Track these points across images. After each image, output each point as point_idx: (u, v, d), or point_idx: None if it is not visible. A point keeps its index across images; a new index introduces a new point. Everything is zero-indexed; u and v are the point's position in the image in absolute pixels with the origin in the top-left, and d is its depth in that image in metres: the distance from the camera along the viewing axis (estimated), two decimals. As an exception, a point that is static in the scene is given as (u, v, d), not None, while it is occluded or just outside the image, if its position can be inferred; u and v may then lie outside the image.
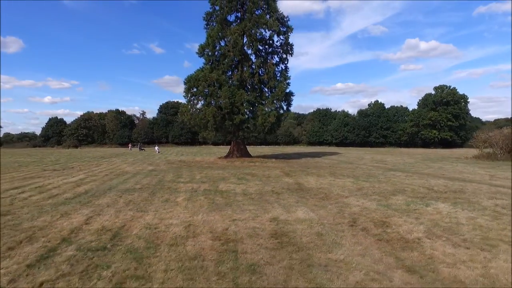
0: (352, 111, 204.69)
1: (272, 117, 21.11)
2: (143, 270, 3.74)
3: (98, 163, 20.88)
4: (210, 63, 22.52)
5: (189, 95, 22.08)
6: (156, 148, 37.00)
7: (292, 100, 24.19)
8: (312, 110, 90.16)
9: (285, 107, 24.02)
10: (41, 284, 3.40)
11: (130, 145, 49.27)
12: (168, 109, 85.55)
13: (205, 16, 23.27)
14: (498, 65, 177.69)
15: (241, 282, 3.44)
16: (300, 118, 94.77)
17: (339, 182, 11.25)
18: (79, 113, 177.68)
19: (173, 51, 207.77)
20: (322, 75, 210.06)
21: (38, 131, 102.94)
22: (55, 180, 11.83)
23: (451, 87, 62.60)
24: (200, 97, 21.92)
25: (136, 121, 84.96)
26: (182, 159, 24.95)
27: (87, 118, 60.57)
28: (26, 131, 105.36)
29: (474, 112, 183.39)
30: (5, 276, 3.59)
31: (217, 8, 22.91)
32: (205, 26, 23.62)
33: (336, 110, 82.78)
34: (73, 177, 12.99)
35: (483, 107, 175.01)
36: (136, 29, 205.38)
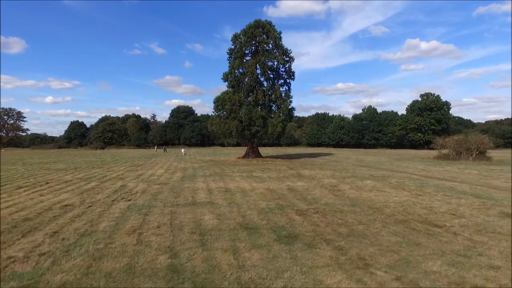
0: (353, 111, 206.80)
1: (279, 127, 28.70)
2: (245, 199, 11.23)
3: (152, 162, 28.38)
4: (232, 87, 30.08)
5: (217, 111, 29.69)
6: (183, 150, 44.30)
7: (293, 113, 31.92)
8: (312, 110, 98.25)
9: (288, 119, 31.68)
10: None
11: (156, 147, 56.65)
12: (180, 113, 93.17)
13: (228, 51, 30.82)
14: (498, 65, 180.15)
15: (286, 198, 10.91)
16: (300, 121, 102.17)
17: (323, 172, 18.75)
18: (80, 113, 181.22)
19: (174, 51, 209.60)
20: (322, 75, 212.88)
21: (37, 131, 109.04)
22: (152, 171, 19.32)
23: (435, 95, 70.11)
24: (225, 113, 29.44)
25: (151, 125, 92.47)
26: (210, 159, 32.48)
27: (111, 123, 68.12)
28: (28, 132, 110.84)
29: (474, 112, 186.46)
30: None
31: (238, 45, 30.48)
32: (228, 58, 31.17)
33: (333, 114, 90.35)
34: (159, 169, 20.50)
35: (484, 107, 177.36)
36: (137, 29, 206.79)
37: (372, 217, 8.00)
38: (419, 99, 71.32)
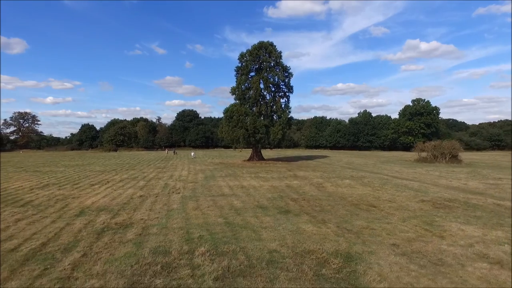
0: (353, 111, 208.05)
1: (279, 134, 33.54)
2: (256, 193, 16.07)
3: (172, 164, 33.19)
4: (239, 100, 34.92)
5: (226, 121, 34.55)
6: (192, 153, 49.13)
7: (292, 122, 36.76)
8: (313, 110, 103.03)
9: (287, 127, 36.52)
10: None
11: (167, 149, 61.44)
12: (185, 117, 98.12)
13: (235, 68, 35.69)
14: (499, 65, 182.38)
15: (284, 192, 15.74)
16: (299, 123, 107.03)
17: (314, 173, 23.55)
18: (80, 113, 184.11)
19: (174, 52, 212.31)
20: (323, 75, 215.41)
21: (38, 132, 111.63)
22: (178, 173, 24.12)
23: (426, 101, 74.92)
24: (233, 123, 34.27)
25: (157, 127, 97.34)
26: (220, 161, 37.30)
27: (123, 127, 73.09)
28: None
29: (475, 113, 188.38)
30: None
31: (244, 63, 35.32)
32: (235, 75, 36.02)
33: (331, 118, 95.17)
34: (182, 171, 25.31)
35: (484, 108, 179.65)
36: (137, 29, 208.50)
37: (338, 202, 12.82)
38: (411, 104, 76.13)
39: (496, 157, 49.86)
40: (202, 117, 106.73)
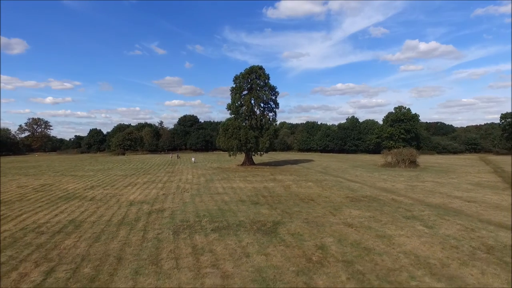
0: (353, 111, 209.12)
1: (267, 144, 40.58)
2: (237, 195, 23.10)
3: (178, 169, 40.15)
4: (234, 115, 41.92)
5: (223, 133, 41.57)
6: (193, 159, 56.03)
7: (278, 133, 43.87)
8: (312, 110, 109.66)
9: (274, 137, 43.57)
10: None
11: (171, 154, 68.36)
12: (186, 121, 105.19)
13: (231, 89, 42.70)
14: (498, 65, 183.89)
15: (260, 191, 22.76)
16: (293, 128, 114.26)
17: (289, 177, 30.49)
18: (80, 113, 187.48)
19: (174, 52, 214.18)
20: (322, 75, 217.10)
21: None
22: (185, 177, 31.06)
23: (407, 108, 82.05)
24: (229, 134, 41.29)
25: (160, 130, 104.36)
26: (217, 166, 44.27)
27: (130, 132, 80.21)
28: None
29: (474, 113, 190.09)
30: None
31: (238, 84, 42.34)
32: (230, 94, 43.05)
33: (321, 123, 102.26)
34: (188, 175, 32.27)
35: (484, 108, 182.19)
36: (137, 29, 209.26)
37: (292, 198, 19.80)
38: (393, 111, 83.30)
39: (459, 160, 56.89)
40: (202, 121, 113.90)
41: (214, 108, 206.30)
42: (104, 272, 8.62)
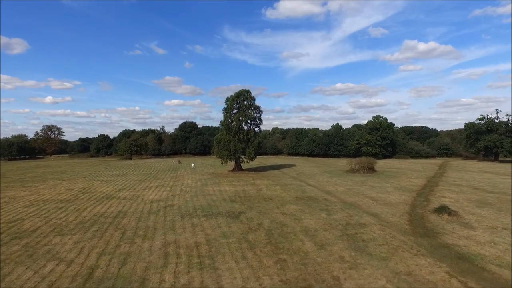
0: (352, 111, 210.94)
1: (252, 153, 50.35)
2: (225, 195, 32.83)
3: (180, 174, 49.82)
4: (225, 130, 51.65)
5: (217, 144, 51.32)
6: (192, 165, 65.59)
7: (261, 145, 53.72)
8: (312, 110, 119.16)
9: (258, 148, 53.36)
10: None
11: (173, 160, 77.94)
12: (186, 128, 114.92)
13: (223, 110, 52.42)
14: (497, 65, 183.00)
15: (238, 193, 32.46)
16: (284, 133, 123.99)
17: (266, 182, 40.16)
18: (80, 113, 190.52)
19: (174, 52, 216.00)
20: (322, 75, 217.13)
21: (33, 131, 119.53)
22: (186, 181, 40.73)
23: (384, 118, 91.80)
24: (221, 146, 50.95)
25: (161, 135, 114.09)
26: (212, 171, 53.94)
27: (136, 139, 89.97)
28: (25, 132, 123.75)
29: (474, 112, 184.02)
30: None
31: (228, 105, 52.05)
32: (223, 112, 52.75)
33: (309, 128, 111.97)
34: (188, 180, 41.94)
35: (482, 107, 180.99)
36: (137, 29, 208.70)
37: (258, 198, 29.44)
38: (372, 120, 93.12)
39: (418, 165, 66.48)
40: (201, 126, 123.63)
41: (214, 107, 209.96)
42: (149, 233, 18.33)
